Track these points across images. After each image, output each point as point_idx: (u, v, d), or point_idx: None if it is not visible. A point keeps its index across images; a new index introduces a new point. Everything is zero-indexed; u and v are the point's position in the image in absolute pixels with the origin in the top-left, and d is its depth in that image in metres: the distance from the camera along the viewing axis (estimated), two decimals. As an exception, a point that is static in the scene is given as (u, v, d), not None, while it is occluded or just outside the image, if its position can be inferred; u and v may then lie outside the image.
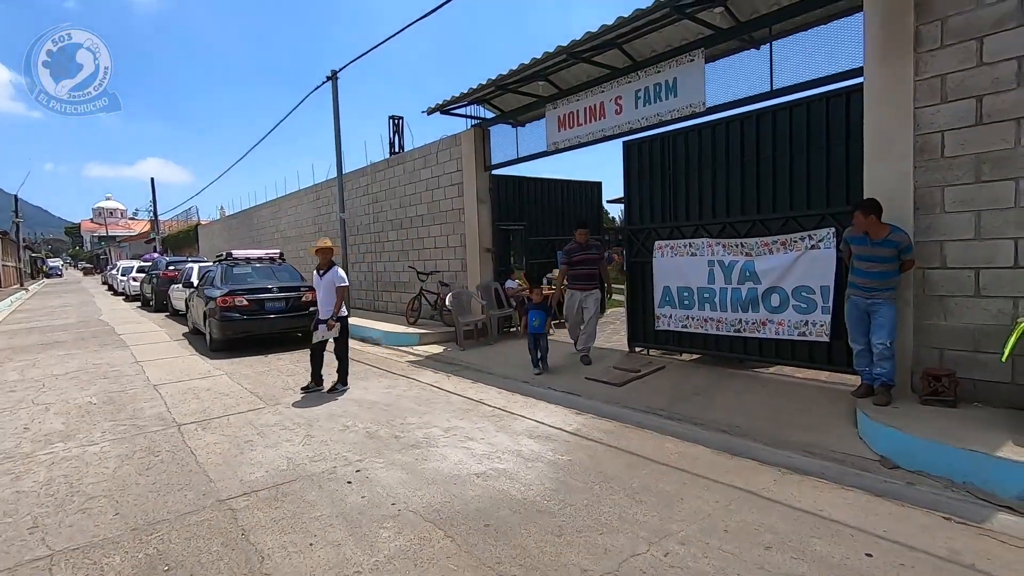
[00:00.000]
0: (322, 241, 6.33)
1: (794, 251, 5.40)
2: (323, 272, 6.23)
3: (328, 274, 6.21)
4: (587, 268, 6.76)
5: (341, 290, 6.18)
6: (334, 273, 6.21)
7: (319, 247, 6.29)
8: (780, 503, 3.24)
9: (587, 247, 6.76)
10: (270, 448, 4.46)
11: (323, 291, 6.23)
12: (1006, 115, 3.95)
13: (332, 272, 6.22)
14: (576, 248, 6.78)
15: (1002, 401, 4.07)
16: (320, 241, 6.34)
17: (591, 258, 6.76)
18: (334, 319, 6.14)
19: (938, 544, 2.75)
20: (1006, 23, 3.91)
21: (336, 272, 6.24)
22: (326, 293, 6.20)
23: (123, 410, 5.74)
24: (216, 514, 3.34)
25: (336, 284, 6.18)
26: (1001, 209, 4.01)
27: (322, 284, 6.24)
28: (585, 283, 6.75)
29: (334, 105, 11.39)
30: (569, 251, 6.79)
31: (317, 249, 6.29)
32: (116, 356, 8.99)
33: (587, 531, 2.98)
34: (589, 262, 6.76)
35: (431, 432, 4.73)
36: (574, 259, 6.76)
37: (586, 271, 6.76)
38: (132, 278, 21.40)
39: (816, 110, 5.34)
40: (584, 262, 6.75)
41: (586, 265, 6.75)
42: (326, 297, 6.21)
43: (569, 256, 6.77)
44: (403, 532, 3.03)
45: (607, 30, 6.04)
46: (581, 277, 6.78)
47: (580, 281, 6.79)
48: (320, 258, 6.28)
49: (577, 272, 6.79)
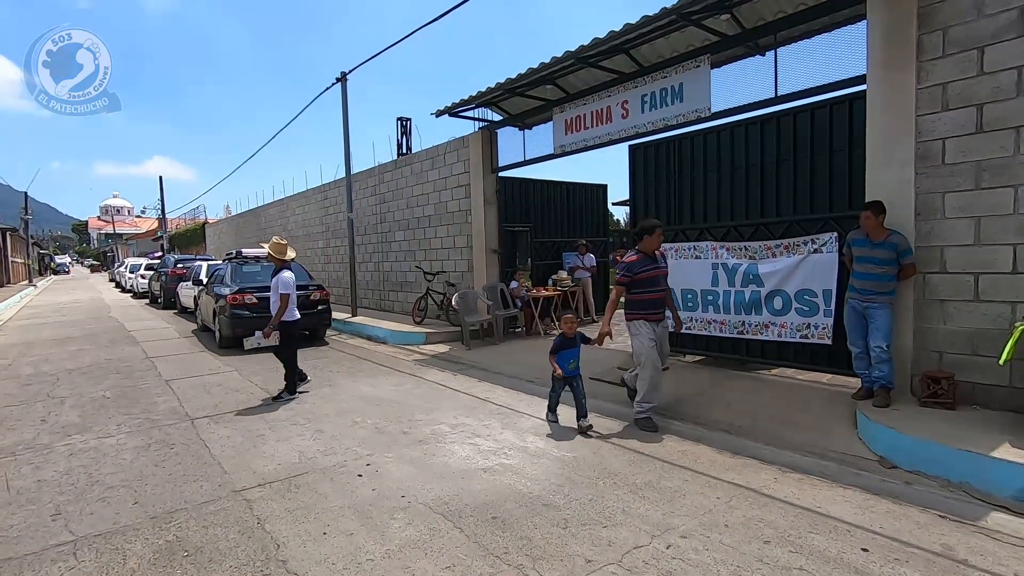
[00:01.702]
0: (276, 239, 6.05)
1: (797, 255, 5.48)
2: (274, 275, 5.94)
3: (275, 278, 5.89)
4: (657, 290, 4.81)
5: (284, 297, 5.82)
6: (279, 278, 5.87)
7: (269, 249, 6.00)
8: (780, 500, 3.32)
9: (656, 259, 4.86)
10: (282, 442, 4.58)
11: (272, 294, 5.92)
12: (1006, 124, 4.02)
13: (278, 276, 5.88)
14: (644, 261, 4.75)
15: (1000, 404, 4.14)
16: (272, 240, 6.06)
17: (662, 273, 4.85)
18: (272, 326, 5.84)
19: (932, 540, 2.83)
20: (1006, 33, 3.99)
21: (281, 277, 5.86)
22: (275, 297, 5.89)
23: (136, 404, 5.86)
24: (232, 504, 3.45)
25: (279, 291, 5.83)
26: (1000, 216, 4.09)
27: (271, 287, 5.95)
28: (656, 310, 4.82)
29: (343, 107, 11.52)
30: (630, 265, 4.74)
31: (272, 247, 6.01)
32: (127, 352, 9.14)
33: (591, 524, 3.07)
34: (660, 281, 4.83)
35: (438, 428, 4.83)
36: (639, 275, 4.71)
37: (656, 294, 4.81)
38: (140, 275, 21.62)
39: (820, 116, 5.42)
40: (653, 281, 4.77)
41: (656, 286, 4.80)
42: (275, 301, 5.90)
43: (632, 272, 4.71)
44: (413, 523, 3.13)
45: (615, 36, 6.14)
46: (649, 303, 4.78)
47: (648, 309, 4.77)
48: (272, 260, 5.99)
49: (643, 295, 4.75)
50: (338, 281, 14.95)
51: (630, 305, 4.82)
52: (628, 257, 4.85)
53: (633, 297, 4.80)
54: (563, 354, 4.84)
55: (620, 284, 4.81)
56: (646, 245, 4.81)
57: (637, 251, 4.83)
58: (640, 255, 4.78)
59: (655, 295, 4.80)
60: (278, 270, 5.94)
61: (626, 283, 4.77)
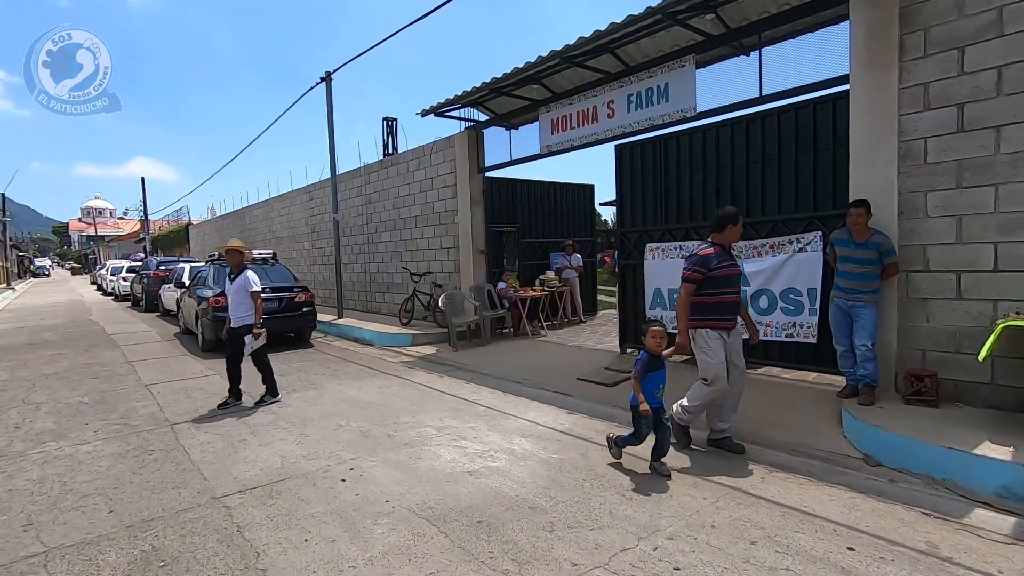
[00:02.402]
0: (232, 242, 5.89)
1: (782, 254, 5.50)
2: (234, 276, 5.77)
3: (239, 279, 5.74)
4: (733, 291, 4.01)
5: (256, 295, 5.73)
6: (245, 278, 5.73)
7: (230, 247, 5.81)
8: (766, 500, 3.31)
9: (729, 255, 4.09)
10: (264, 447, 4.49)
11: (233, 296, 5.75)
12: (986, 123, 4.06)
13: (243, 277, 5.74)
14: (721, 256, 3.97)
15: (982, 401, 4.17)
16: (231, 242, 5.91)
17: (739, 272, 4.11)
18: (258, 327, 5.75)
19: (917, 538, 2.83)
20: (986, 34, 4.03)
21: (247, 277, 5.74)
22: (237, 299, 5.74)
23: (115, 409, 5.73)
24: (211, 511, 3.36)
25: (248, 289, 5.71)
26: (981, 214, 4.13)
27: (233, 289, 5.76)
28: (730, 316, 4.00)
29: (328, 107, 11.40)
30: (705, 259, 3.92)
31: (227, 249, 5.82)
32: (107, 356, 8.95)
33: (578, 527, 3.04)
34: (736, 281, 4.06)
35: (424, 431, 4.77)
36: (716, 272, 3.91)
37: (732, 296, 4.00)
38: (122, 278, 21.26)
39: (804, 116, 5.45)
40: (729, 281, 3.98)
41: (732, 287, 4.01)
42: (237, 303, 5.74)
43: (707, 267, 3.90)
44: (397, 528, 3.08)
45: (600, 35, 6.12)
46: (723, 306, 3.96)
47: (723, 313, 3.96)
48: (231, 260, 5.82)
49: (716, 297, 3.93)
50: (324, 283, 14.80)
51: (698, 309, 3.98)
52: (702, 249, 4.00)
53: (704, 299, 3.94)
54: (650, 379, 3.70)
55: (690, 282, 3.95)
56: (725, 237, 4.03)
57: (712, 243, 4.04)
58: (716, 248, 3.99)
59: (730, 297, 3.99)
60: (239, 272, 5.78)
61: (698, 280, 3.92)
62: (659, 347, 3.75)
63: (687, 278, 3.98)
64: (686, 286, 3.99)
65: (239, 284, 5.77)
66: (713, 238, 4.09)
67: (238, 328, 5.79)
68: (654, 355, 3.75)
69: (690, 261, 4.00)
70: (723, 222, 4.04)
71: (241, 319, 5.79)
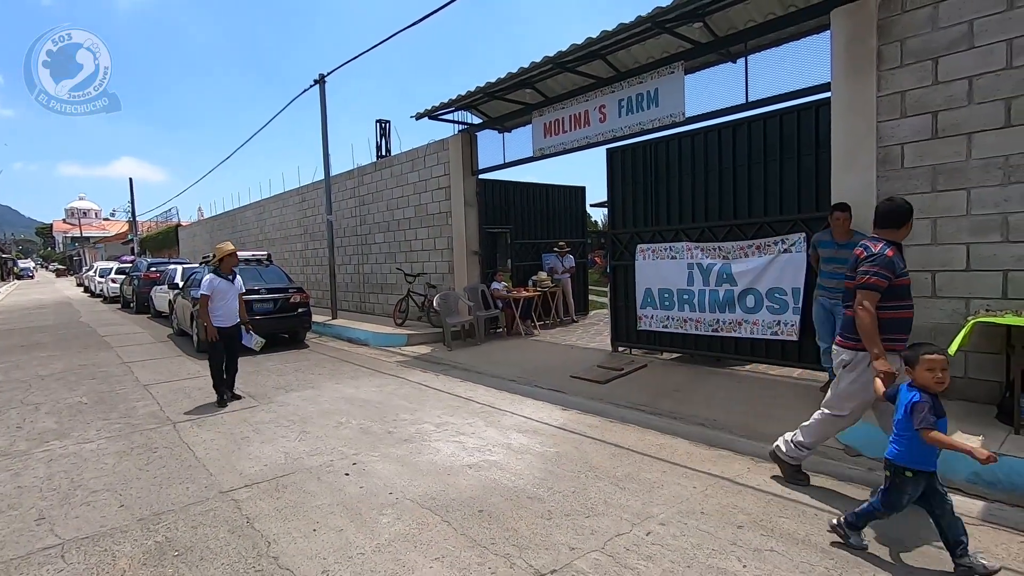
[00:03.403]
0: (229, 245, 6.05)
1: (768, 255, 5.71)
2: (232, 278, 5.99)
3: (238, 280, 6.06)
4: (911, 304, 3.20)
5: (242, 295, 6.11)
6: (239, 280, 6.10)
7: (231, 251, 5.98)
8: (752, 488, 3.49)
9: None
10: (266, 444, 4.60)
11: (231, 298, 5.98)
12: (958, 130, 4.28)
13: (239, 279, 6.08)
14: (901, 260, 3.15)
15: (956, 394, 4.38)
16: (227, 245, 6.05)
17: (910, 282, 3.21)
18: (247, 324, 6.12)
19: (893, 521, 3.01)
20: (958, 45, 4.25)
21: (239, 280, 6.10)
22: (234, 300, 5.99)
23: (115, 409, 5.80)
24: (220, 504, 3.48)
25: (241, 290, 6.08)
26: (954, 217, 4.34)
27: (232, 291, 5.97)
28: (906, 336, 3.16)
29: (322, 109, 11.49)
30: (891, 262, 3.05)
31: (230, 254, 5.96)
32: (101, 357, 8.98)
33: (574, 514, 3.19)
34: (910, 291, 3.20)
35: (423, 427, 4.91)
36: (901, 279, 3.10)
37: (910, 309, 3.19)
38: (111, 279, 21.12)
39: (788, 122, 5.65)
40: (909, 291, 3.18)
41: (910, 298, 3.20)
42: (232, 304, 5.98)
43: (894, 270, 3.05)
44: (402, 518, 3.21)
45: (592, 42, 6.30)
46: (903, 324, 3.15)
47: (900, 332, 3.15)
48: (229, 263, 5.98)
49: (898, 312, 3.12)
50: (317, 284, 14.86)
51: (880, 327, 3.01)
52: (885, 249, 3.08)
53: (886, 314, 3.06)
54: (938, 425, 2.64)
55: (876, 289, 3.02)
56: (900, 235, 3.21)
57: (889, 243, 3.14)
58: (895, 249, 3.12)
59: (908, 312, 3.15)
60: (232, 275, 6.02)
61: (884, 289, 3.03)
62: (940, 384, 2.65)
63: (871, 284, 3.02)
64: (870, 295, 3.02)
65: (239, 285, 6.01)
66: (888, 236, 3.17)
67: (231, 328, 5.96)
68: (932, 392, 2.66)
69: (874, 263, 3.04)
70: (900, 217, 3.17)
71: (233, 319, 6.00)
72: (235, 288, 6.01)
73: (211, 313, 5.84)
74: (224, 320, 5.93)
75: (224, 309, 5.93)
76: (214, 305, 5.86)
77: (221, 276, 5.92)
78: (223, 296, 5.91)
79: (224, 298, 5.91)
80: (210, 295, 5.81)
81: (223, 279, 5.93)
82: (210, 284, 5.83)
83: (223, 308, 5.92)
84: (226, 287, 5.93)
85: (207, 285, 5.83)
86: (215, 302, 5.87)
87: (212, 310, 5.85)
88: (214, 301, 5.86)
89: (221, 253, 6.00)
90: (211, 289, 5.82)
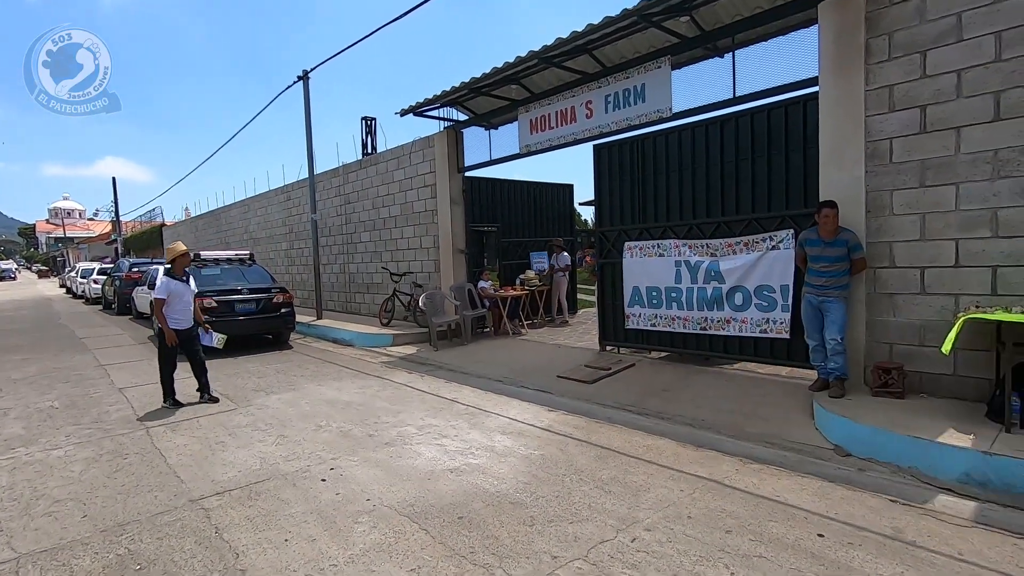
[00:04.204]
0: (180, 245, 5.88)
1: (756, 251, 5.63)
2: (186, 280, 5.83)
3: (191, 282, 5.92)
4: None
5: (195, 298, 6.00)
6: (193, 282, 5.96)
7: (184, 252, 5.82)
8: (740, 490, 3.40)
9: None
10: (242, 448, 4.45)
11: (188, 301, 5.82)
12: (947, 124, 4.22)
13: (191, 281, 5.94)
14: None
15: (945, 392, 4.33)
16: (178, 245, 5.88)
17: None
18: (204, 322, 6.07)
19: (884, 524, 2.94)
20: (946, 38, 4.19)
21: (193, 281, 5.97)
22: (190, 303, 5.86)
23: (87, 414, 5.61)
24: (188, 513, 3.33)
25: (194, 292, 5.93)
26: (943, 212, 4.29)
27: (188, 292, 5.82)
28: None
29: (305, 105, 11.29)
30: None
31: (182, 254, 5.79)
32: (78, 360, 8.74)
33: (558, 520, 3.08)
34: None
35: (405, 430, 4.78)
36: None
37: None
38: (93, 280, 20.72)
39: (775, 117, 5.58)
40: None
41: None
42: (187, 306, 5.82)
43: None
44: (378, 526, 3.08)
45: (577, 36, 6.19)
46: None
47: None
48: (181, 264, 5.80)
49: None
50: (303, 284, 14.64)
51: None
52: None
53: None
54: None
55: None
56: None
57: None
58: None
59: None
60: (187, 275, 5.91)
61: None
62: None
63: None
64: None
65: (193, 286, 5.92)
66: None
67: (188, 329, 5.84)
68: None
69: None
70: None
71: (190, 320, 5.86)
72: (191, 289, 5.86)
73: (168, 316, 5.66)
74: (181, 323, 5.78)
75: (181, 312, 5.78)
76: (171, 308, 5.68)
77: (175, 278, 5.74)
78: (179, 298, 5.74)
79: (181, 300, 5.75)
80: (166, 298, 5.61)
81: (178, 281, 5.75)
82: (167, 287, 5.63)
83: (180, 311, 5.77)
84: (183, 289, 5.78)
85: (163, 288, 5.62)
86: (172, 305, 5.68)
87: (169, 313, 5.67)
88: (170, 304, 5.67)
89: (173, 254, 5.80)
90: (168, 292, 5.61)
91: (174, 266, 5.77)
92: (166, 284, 5.63)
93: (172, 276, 5.73)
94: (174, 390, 5.86)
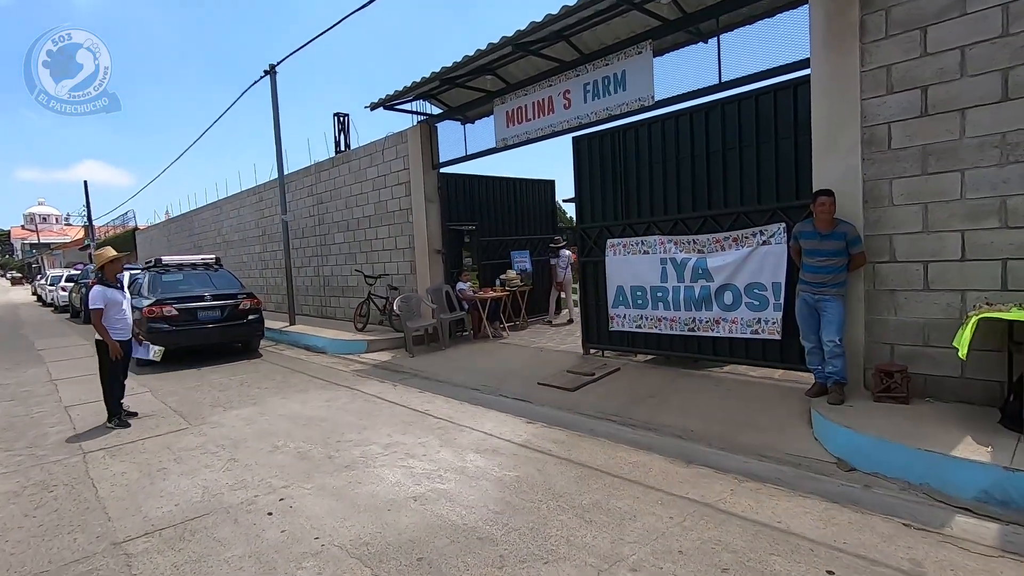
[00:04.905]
0: (108, 251, 5.46)
1: (746, 247, 5.28)
2: (119, 287, 5.44)
3: (124, 289, 5.53)
4: None
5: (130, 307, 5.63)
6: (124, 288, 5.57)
7: (115, 257, 5.39)
8: (737, 516, 3.03)
9: None
10: (185, 476, 4.00)
11: (127, 309, 5.44)
12: (950, 106, 3.89)
13: (124, 287, 5.55)
14: None
15: (952, 395, 4.01)
16: (107, 251, 5.45)
17: None
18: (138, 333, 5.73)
19: (900, 555, 2.59)
20: (949, 12, 3.85)
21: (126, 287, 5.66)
22: (129, 311, 5.46)
23: (23, 437, 5.12)
24: (107, 560, 2.89)
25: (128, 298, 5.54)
26: (947, 201, 3.96)
27: (126, 301, 5.44)
28: None
29: (273, 102, 10.76)
30: None
31: (111, 261, 5.34)
32: (29, 374, 8.19)
33: (531, 560, 2.69)
34: None
35: (369, 450, 4.35)
36: None
37: None
38: (61, 287, 19.96)
39: (764, 103, 5.23)
40: None
41: None
42: (130, 316, 5.48)
43: None
44: (323, 572, 2.67)
45: (553, 19, 5.79)
46: None
47: None
48: (113, 270, 5.38)
49: None
50: (277, 288, 14.08)
51: None
52: None
53: None
54: None
55: None
56: None
57: None
58: None
59: None
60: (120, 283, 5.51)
61: None
62: None
63: None
64: None
65: (126, 293, 5.53)
66: None
67: (127, 341, 5.43)
68: None
69: None
70: None
71: (129, 331, 5.47)
72: (126, 297, 5.47)
73: (110, 328, 5.19)
74: (124, 333, 5.35)
75: (122, 321, 5.34)
76: (111, 318, 5.21)
77: (109, 285, 5.28)
78: (118, 307, 5.29)
79: (120, 309, 5.31)
80: (103, 308, 5.14)
81: (112, 288, 5.30)
82: (103, 295, 5.15)
83: (121, 320, 5.32)
84: (120, 297, 5.33)
85: (99, 296, 5.14)
86: (111, 314, 5.21)
87: (110, 324, 5.20)
88: (109, 313, 5.20)
89: (101, 260, 5.33)
90: (105, 300, 5.15)
91: (105, 272, 5.30)
92: (101, 292, 5.14)
93: (105, 283, 5.25)
94: (121, 408, 5.40)
